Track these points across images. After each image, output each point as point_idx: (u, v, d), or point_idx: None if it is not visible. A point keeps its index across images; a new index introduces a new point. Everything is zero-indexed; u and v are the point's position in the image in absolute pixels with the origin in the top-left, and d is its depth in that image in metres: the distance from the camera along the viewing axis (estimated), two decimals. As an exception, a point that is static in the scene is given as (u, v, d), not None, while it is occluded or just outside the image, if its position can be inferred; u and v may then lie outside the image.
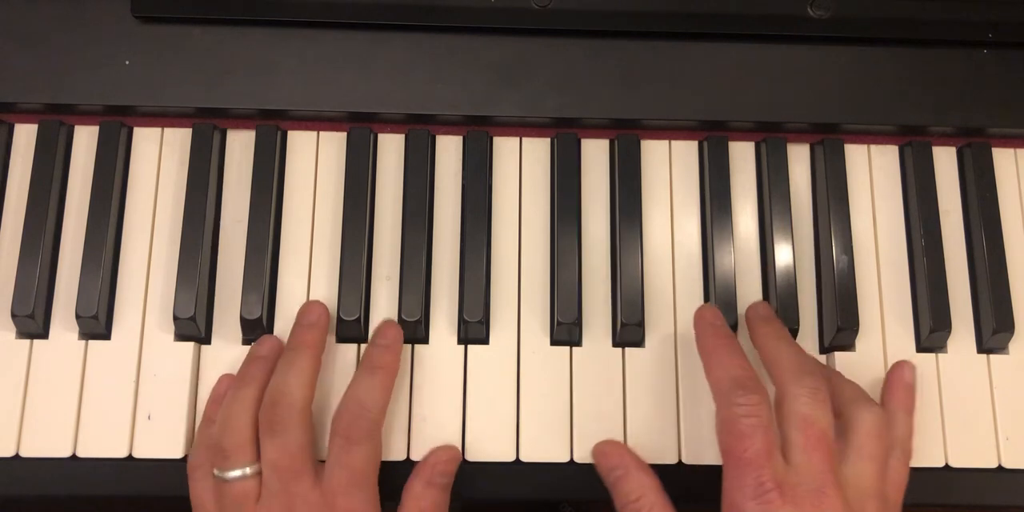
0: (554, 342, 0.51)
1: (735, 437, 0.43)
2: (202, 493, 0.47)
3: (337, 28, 0.53)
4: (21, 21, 0.53)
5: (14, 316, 0.50)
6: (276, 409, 0.46)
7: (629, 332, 0.51)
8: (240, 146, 0.54)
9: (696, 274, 0.53)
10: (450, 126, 0.55)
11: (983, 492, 0.50)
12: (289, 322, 0.51)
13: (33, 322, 0.50)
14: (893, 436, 0.47)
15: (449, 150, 0.54)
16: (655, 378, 0.51)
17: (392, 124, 0.55)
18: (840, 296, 0.51)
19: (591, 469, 0.50)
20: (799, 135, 0.55)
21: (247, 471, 0.45)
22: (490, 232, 0.53)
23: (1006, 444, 0.51)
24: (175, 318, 0.50)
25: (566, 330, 0.51)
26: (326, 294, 0.52)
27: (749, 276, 0.53)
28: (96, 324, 0.50)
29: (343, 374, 0.50)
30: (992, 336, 0.52)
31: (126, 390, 0.50)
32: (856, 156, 0.55)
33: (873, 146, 0.55)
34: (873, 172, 0.55)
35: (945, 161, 0.55)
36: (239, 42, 0.53)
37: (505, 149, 0.55)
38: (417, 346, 0.51)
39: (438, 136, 0.54)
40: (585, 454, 0.50)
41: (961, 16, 0.54)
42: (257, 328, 0.50)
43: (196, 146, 0.53)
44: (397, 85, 0.53)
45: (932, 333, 0.51)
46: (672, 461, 0.50)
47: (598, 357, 0.51)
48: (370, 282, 0.52)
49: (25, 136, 0.53)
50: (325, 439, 0.48)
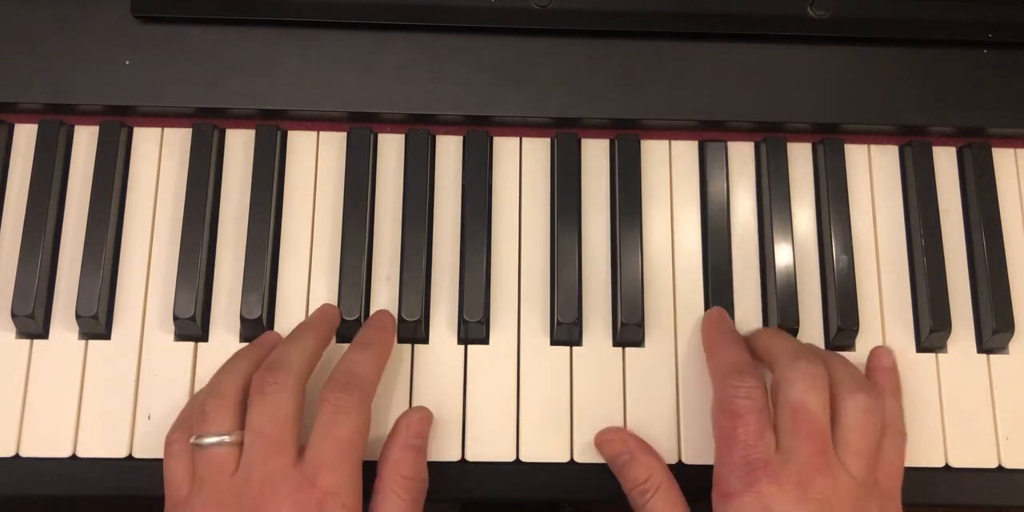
0: (554, 342, 0.51)
1: (728, 416, 0.44)
2: (175, 466, 0.44)
3: (338, 28, 0.53)
4: (21, 21, 0.53)
5: (14, 316, 0.50)
6: (271, 372, 0.44)
7: (629, 332, 0.51)
8: (240, 146, 0.54)
9: (696, 274, 0.53)
10: (450, 126, 0.55)
11: (983, 492, 0.50)
12: (289, 322, 0.51)
13: (33, 322, 0.50)
14: (889, 419, 0.47)
15: (449, 150, 0.54)
16: (655, 378, 0.51)
17: (392, 124, 0.55)
18: (840, 296, 0.51)
19: (591, 469, 0.50)
20: (799, 135, 0.55)
21: (226, 438, 0.43)
22: (490, 232, 0.53)
23: (1006, 444, 0.51)
24: (175, 318, 0.50)
25: (566, 330, 0.51)
26: (326, 294, 0.52)
27: (749, 276, 0.53)
28: (96, 324, 0.50)
29: (343, 374, 0.50)
30: (992, 336, 0.52)
31: (126, 390, 0.50)
32: (856, 156, 0.55)
33: (873, 146, 0.55)
34: (873, 172, 0.55)
35: (945, 161, 0.55)
36: (239, 42, 0.53)
37: (505, 149, 0.55)
38: (417, 346, 0.51)
39: (438, 136, 0.54)
40: (585, 454, 0.50)
41: (961, 16, 0.54)
42: (257, 328, 0.50)
43: (196, 146, 0.53)
44: (397, 85, 0.53)
45: (932, 333, 0.51)
46: (672, 461, 0.50)
47: (598, 357, 0.51)
48: (370, 282, 0.52)
49: (25, 136, 0.53)
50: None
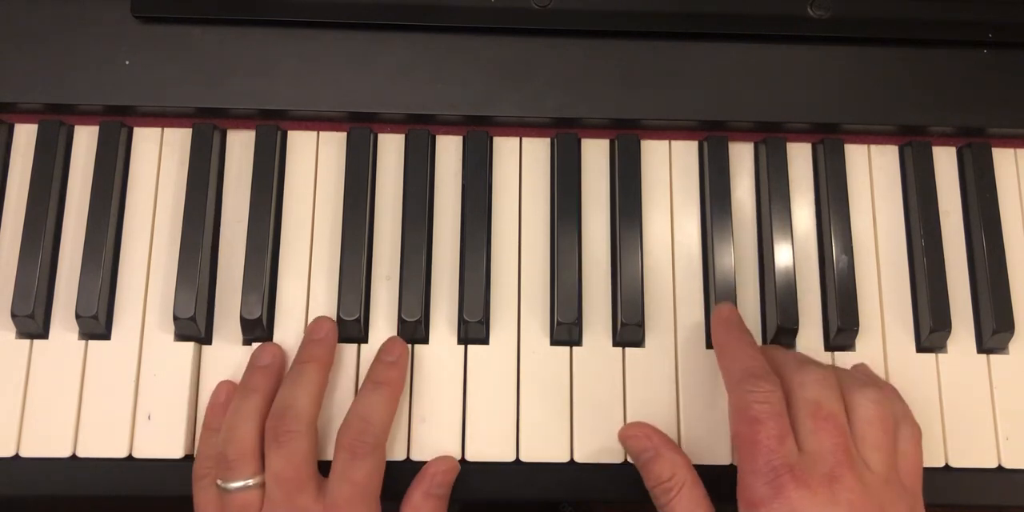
0: (554, 342, 0.51)
1: (748, 423, 0.43)
2: (205, 503, 0.47)
3: (338, 28, 0.53)
4: (21, 21, 0.53)
5: (14, 316, 0.50)
6: (283, 420, 0.46)
7: (629, 332, 0.51)
8: (240, 146, 0.54)
9: (696, 274, 0.53)
10: (450, 126, 0.55)
11: (983, 492, 0.50)
12: (289, 323, 0.51)
13: (33, 322, 0.50)
14: (898, 414, 0.46)
15: (449, 150, 0.54)
16: (655, 378, 0.51)
17: (392, 124, 0.55)
18: (840, 296, 0.51)
19: (591, 469, 0.50)
20: (799, 135, 0.55)
21: (250, 482, 0.46)
22: (490, 232, 0.53)
23: (1006, 444, 0.51)
24: (175, 318, 0.50)
25: (566, 330, 0.51)
26: (326, 294, 0.52)
27: (749, 276, 0.53)
28: (96, 324, 0.50)
29: (342, 374, 0.50)
30: (992, 336, 0.52)
31: (126, 390, 0.50)
32: (856, 156, 0.55)
33: (873, 146, 0.55)
34: (873, 172, 0.55)
35: (945, 161, 0.55)
36: (239, 42, 0.53)
37: (505, 149, 0.55)
38: (417, 346, 0.51)
39: (438, 136, 0.54)
40: (585, 454, 0.50)
41: (961, 16, 0.54)
42: (257, 328, 0.50)
43: (196, 146, 0.53)
44: (397, 85, 0.53)
45: (932, 333, 0.51)
46: (672, 461, 0.50)
47: (598, 357, 0.51)
48: (370, 282, 0.52)
49: (25, 136, 0.53)
50: (327, 447, 0.48)
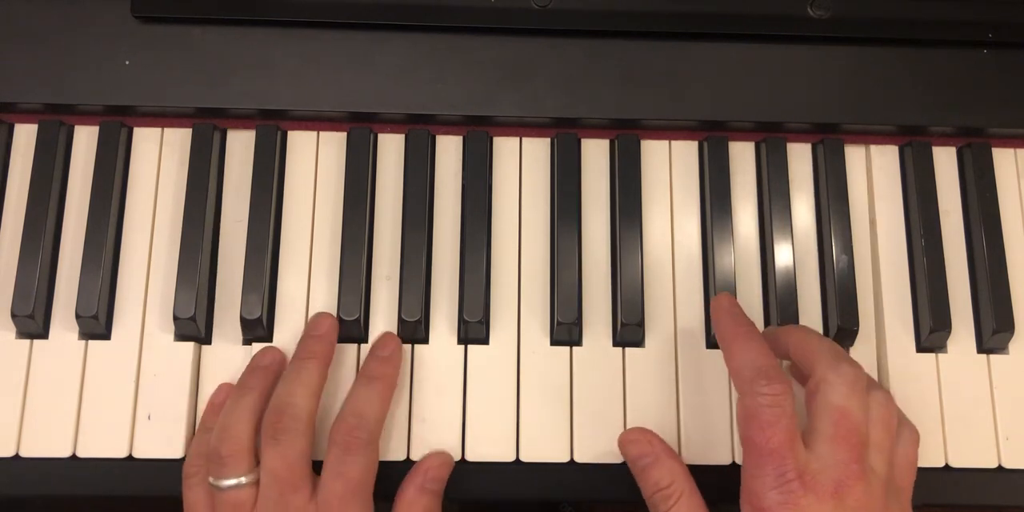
0: (554, 342, 0.51)
1: (757, 426, 0.43)
2: (195, 501, 0.47)
3: (337, 28, 0.53)
4: (21, 21, 0.53)
5: (14, 316, 0.50)
6: (281, 417, 0.46)
7: (629, 332, 0.51)
8: (240, 146, 0.54)
9: (696, 274, 0.53)
10: (450, 126, 0.55)
11: (983, 492, 0.50)
12: (289, 322, 0.51)
13: (33, 322, 0.50)
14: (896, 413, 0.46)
15: (449, 150, 0.54)
16: (655, 378, 0.51)
17: (392, 124, 0.55)
18: (840, 296, 0.51)
19: (591, 469, 0.50)
20: (799, 135, 0.55)
21: (243, 480, 0.45)
22: (490, 232, 0.53)
23: (1006, 444, 0.51)
24: (175, 318, 0.50)
25: (566, 330, 0.51)
26: (326, 294, 0.52)
27: (749, 276, 0.53)
28: (96, 324, 0.50)
29: (342, 374, 0.50)
30: (992, 336, 0.52)
31: (126, 390, 0.50)
32: (856, 156, 0.55)
33: (873, 146, 0.55)
34: (873, 172, 0.55)
35: (945, 161, 0.55)
36: (239, 42, 0.53)
37: (505, 149, 0.55)
38: (417, 346, 0.51)
39: (438, 136, 0.54)
40: (585, 454, 0.50)
41: (961, 16, 0.54)
42: (257, 328, 0.50)
43: (196, 146, 0.53)
44: (397, 85, 0.53)
45: (932, 333, 0.51)
46: (672, 461, 0.50)
47: (598, 357, 0.51)
48: (370, 282, 0.52)
49: (25, 136, 0.53)
50: (322, 445, 0.48)
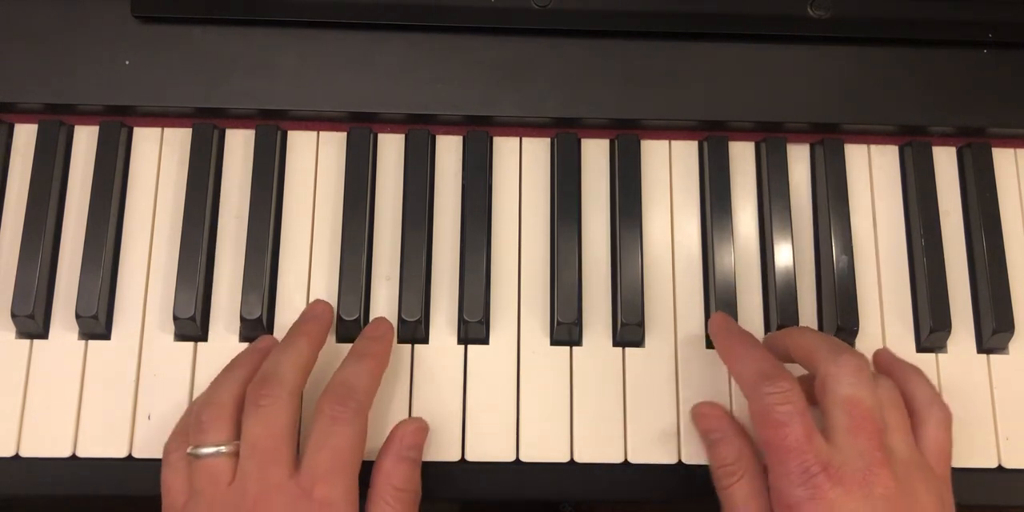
0: (554, 342, 0.51)
1: (772, 426, 0.42)
2: (172, 477, 0.45)
3: (337, 28, 0.53)
4: (21, 21, 0.53)
5: (14, 316, 0.50)
6: (265, 384, 0.44)
7: (629, 332, 0.51)
8: (240, 146, 0.54)
9: (696, 274, 0.53)
10: (450, 126, 0.55)
11: (983, 492, 0.50)
12: (289, 322, 0.51)
13: (33, 322, 0.50)
14: (920, 400, 0.47)
15: (449, 150, 0.54)
16: (655, 378, 0.51)
17: (392, 124, 0.55)
18: (840, 296, 0.51)
19: (591, 469, 0.50)
20: (799, 135, 0.55)
21: (223, 449, 0.43)
22: (490, 232, 0.53)
23: (1006, 444, 0.51)
24: (175, 318, 0.50)
25: (566, 330, 0.51)
26: (326, 294, 0.52)
27: (749, 276, 0.53)
28: (96, 324, 0.50)
29: (343, 374, 0.50)
30: (992, 336, 0.52)
31: (126, 390, 0.50)
32: (856, 156, 0.55)
33: (873, 146, 0.55)
34: (873, 172, 0.55)
35: (945, 161, 0.55)
36: (239, 42, 0.53)
37: (505, 149, 0.55)
38: (417, 346, 0.51)
39: (438, 136, 0.54)
40: (585, 454, 0.50)
41: (961, 16, 0.54)
42: (257, 328, 0.50)
43: (196, 146, 0.53)
44: (397, 85, 0.53)
45: (932, 333, 0.51)
46: (672, 461, 0.50)
47: (598, 357, 0.51)
48: (370, 282, 0.52)
49: (25, 136, 0.53)
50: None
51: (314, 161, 0.54)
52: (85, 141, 0.53)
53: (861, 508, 0.40)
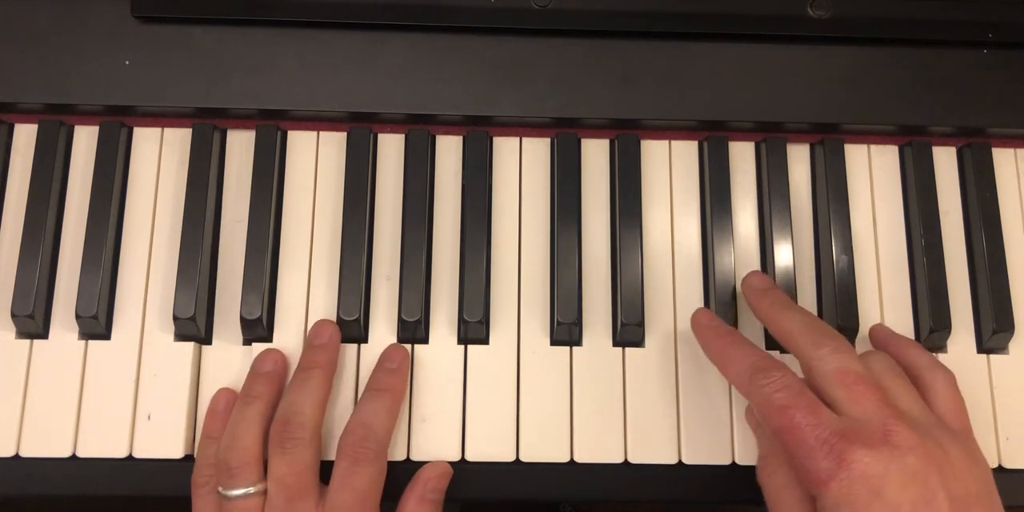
0: (554, 342, 0.51)
1: (776, 413, 0.42)
2: (203, 509, 0.47)
3: (337, 28, 0.53)
4: (21, 21, 0.53)
5: (14, 316, 0.50)
6: (288, 427, 0.46)
7: (629, 332, 0.51)
8: (240, 146, 0.54)
9: (696, 274, 0.53)
10: (450, 126, 0.55)
11: (983, 492, 0.50)
12: (289, 322, 0.51)
13: (33, 322, 0.50)
14: (921, 366, 0.47)
15: (449, 150, 0.54)
16: (655, 378, 0.51)
17: (392, 124, 0.55)
18: (840, 296, 0.52)
19: (591, 469, 0.50)
20: (799, 135, 0.55)
21: (251, 490, 0.46)
22: (490, 232, 0.53)
23: (1006, 444, 0.51)
24: (175, 318, 0.50)
25: (566, 330, 0.51)
26: (326, 294, 0.52)
27: (749, 276, 0.53)
28: (96, 324, 0.50)
29: (342, 374, 0.50)
30: (992, 336, 0.52)
31: (126, 390, 0.50)
32: (856, 156, 0.55)
33: (873, 146, 0.55)
34: (873, 172, 0.55)
35: (945, 161, 0.55)
36: (239, 42, 0.53)
37: (505, 149, 0.55)
38: (417, 346, 0.51)
39: (438, 136, 0.54)
40: (585, 454, 0.50)
41: (961, 16, 0.54)
42: (257, 328, 0.50)
43: (196, 146, 0.53)
44: (397, 85, 0.53)
45: (932, 333, 0.51)
46: (672, 461, 0.50)
47: (598, 357, 0.51)
48: (370, 282, 0.52)
49: (25, 136, 0.53)
50: (327, 450, 0.48)
51: (314, 161, 0.54)
52: (85, 141, 0.53)
53: (892, 466, 0.39)
